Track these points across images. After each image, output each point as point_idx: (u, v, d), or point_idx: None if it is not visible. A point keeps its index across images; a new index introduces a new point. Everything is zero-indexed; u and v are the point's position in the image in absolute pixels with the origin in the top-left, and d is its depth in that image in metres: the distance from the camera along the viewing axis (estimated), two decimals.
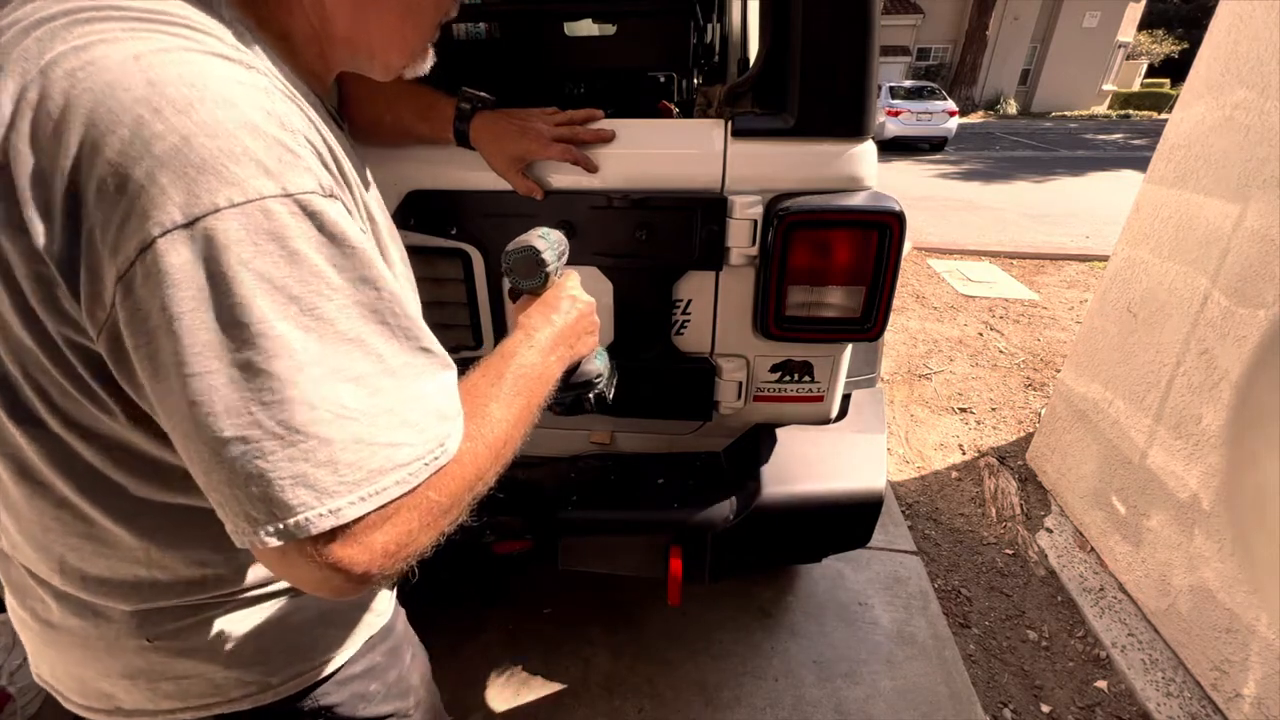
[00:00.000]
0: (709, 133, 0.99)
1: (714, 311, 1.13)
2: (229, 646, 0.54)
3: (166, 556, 0.49)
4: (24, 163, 0.35)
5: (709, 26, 2.22)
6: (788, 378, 1.19)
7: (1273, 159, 1.52)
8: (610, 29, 1.42)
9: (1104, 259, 4.29)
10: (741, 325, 1.13)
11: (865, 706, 1.55)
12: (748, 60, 2.01)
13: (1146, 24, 27.57)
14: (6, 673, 1.35)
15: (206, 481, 0.37)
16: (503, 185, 1.02)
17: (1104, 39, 22.22)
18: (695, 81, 2.16)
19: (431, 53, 0.56)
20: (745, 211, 0.99)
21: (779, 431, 1.21)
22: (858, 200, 0.97)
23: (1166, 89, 24.23)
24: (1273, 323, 1.47)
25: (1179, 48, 27.91)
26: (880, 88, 12.96)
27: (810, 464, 1.15)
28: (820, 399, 1.21)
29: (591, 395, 0.73)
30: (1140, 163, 10.26)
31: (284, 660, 0.57)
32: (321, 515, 0.36)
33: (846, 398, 1.32)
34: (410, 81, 0.58)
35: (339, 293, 0.38)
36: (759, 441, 1.20)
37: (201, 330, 0.34)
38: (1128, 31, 23.16)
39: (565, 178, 1.00)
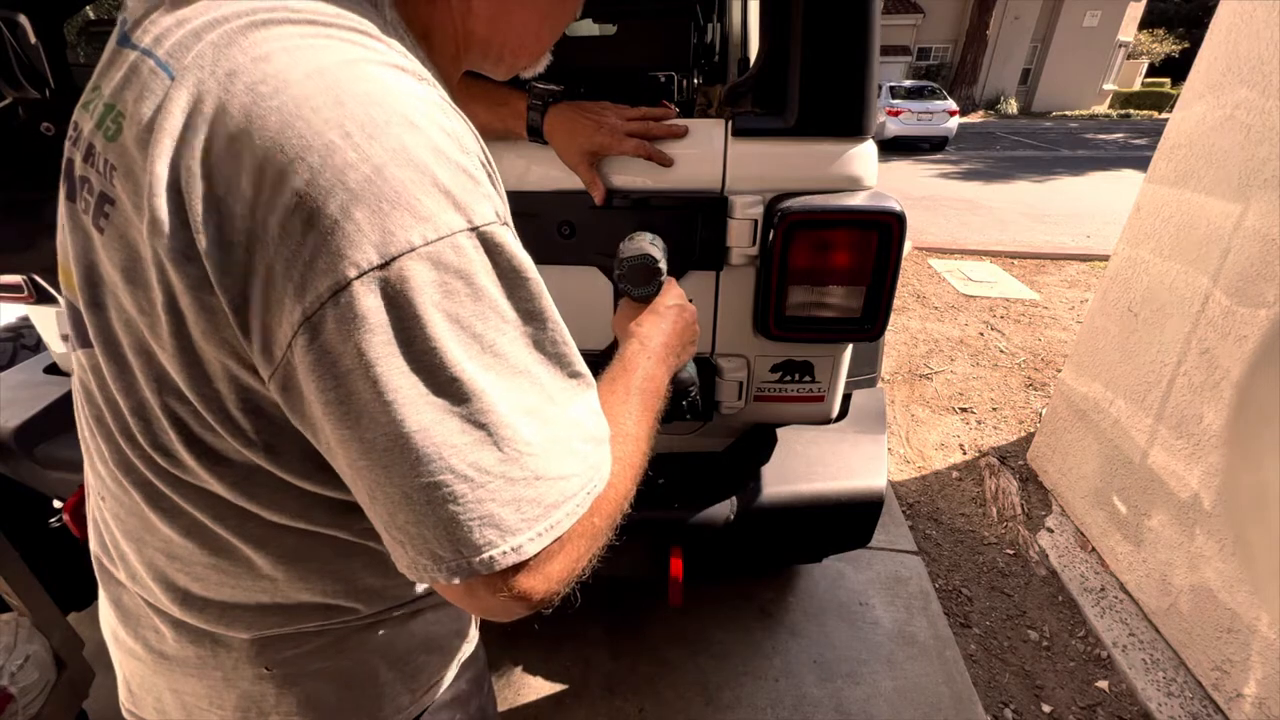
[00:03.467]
0: (709, 132, 0.99)
1: (714, 311, 1.12)
2: (340, 674, 0.53)
3: (294, 583, 0.48)
4: (197, 185, 0.33)
5: (709, 26, 2.21)
6: (788, 378, 1.18)
7: (1273, 158, 1.52)
8: (610, 29, 1.42)
9: (1105, 259, 4.29)
10: (742, 325, 1.13)
11: (866, 706, 1.55)
12: (748, 60, 2.01)
13: (1147, 23, 27.57)
14: (8, 673, 1.35)
15: (389, 520, 0.36)
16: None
17: (1105, 38, 22.20)
18: (695, 81, 2.16)
19: (549, 54, 0.56)
20: (745, 211, 0.99)
21: (779, 431, 1.21)
22: (858, 200, 0.97)
23: (1167, 88, 24.22)
24: (1273, 322, 1.47)
25: (1180, 47, 27.90)
26: (880, 87, 12.95)
27: (811, 464, 1.15)
28: (821, 399, 1.21)
29: (686, 403, 0.71)
30: (1141, 162, 10.27)
31: (390, 690, 0.56)
32: (505, 553, 0.36)
33: (847, 397, 1.32)
34: (479, 78, 0.57)
35: (511, 326, 0.37)
36: (759, 441, 1.20)
37: (398, 376, 0.33)
38: (1128, 31, 23.15)
39: (564, 178, 1.00)
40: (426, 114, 0.35)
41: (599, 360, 0.55)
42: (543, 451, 0.37)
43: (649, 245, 0.68)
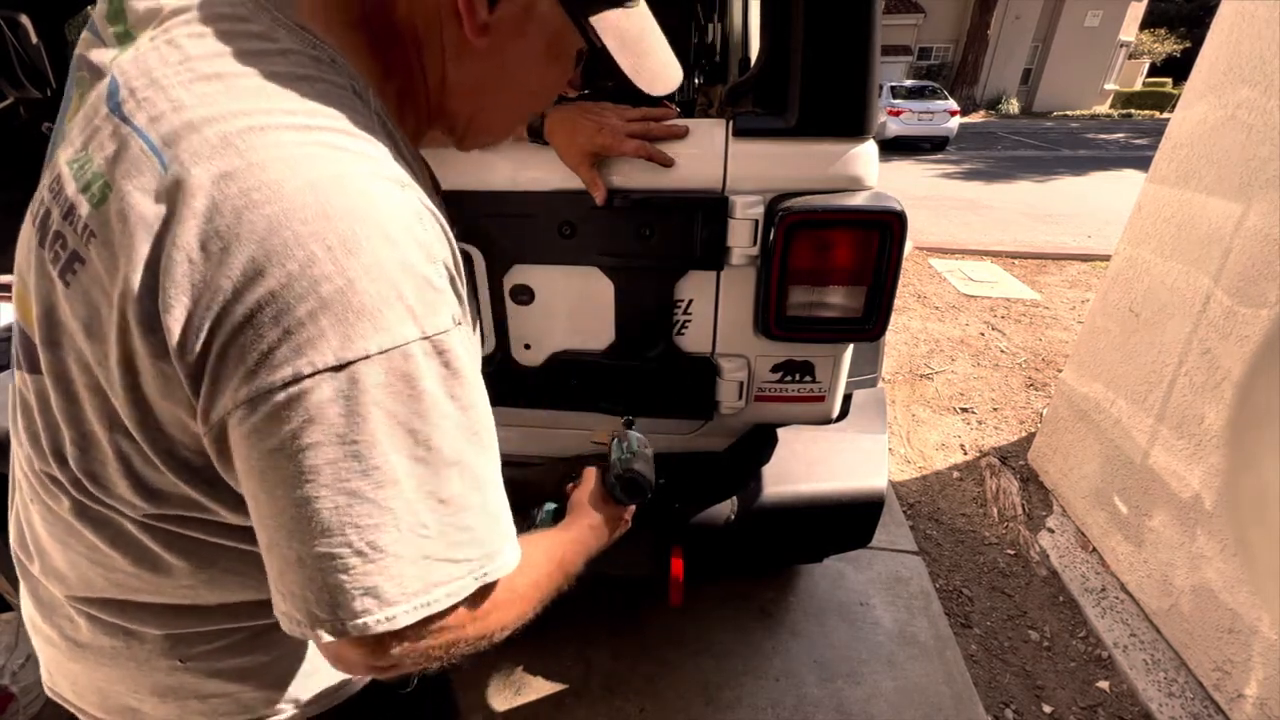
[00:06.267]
0: (710, 133, 0.99)
1: (715, 311, 1.12)
2: (259, 668, 0.55)
3: (213, 590, 0.50)
4: (178, 270, 0.35)
5: (709, 26, 2.21)
6: (789, 378, 1.18)
7: (1275, 158, 1.51)
8: None
9: (1106, 258, 4.28)
10: (743, 325, 1.13)
11: (867, 707, 1.55)
12: (748, 60, 2.01)
13: (1148, 23, 27.52)
14: (9, 673, 1.36)
15: (279, 574, 0.39)
16: (502, 186, 1.02)
17: (1106, 38, 22.17)
18: (696, 81, 2.16)
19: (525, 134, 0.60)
20: (746, 211, 0.99)
21: (780, 431, 1.21)
22: (859, 200, 0.96)
23: (1168, 88, 24.16)
24: (1275, 322, 1.47)
25: (1181, 47, 27.87)
26: (881, 87, 12.94)
27: (811, 464, 1.15)
28: (821, 399, 1.21)
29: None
30: (1142, 162, 10.24)
31: (313, 681, 0.58)
32: (379, 621, 0.37)
33: (848, 398, 1.32)
34: None
35: (448, 419, 0.39)
36: (760, 441, 1.20)
37: (323, 462, 0.35)
38: (1130, 30, 23.11)
39: (563, 178, 1.00)
40: (405, 226, 0.38)
41: (594, 363, 0.55)
42: (439, 535, 0.39)
43: (645, 463, 0.73)
